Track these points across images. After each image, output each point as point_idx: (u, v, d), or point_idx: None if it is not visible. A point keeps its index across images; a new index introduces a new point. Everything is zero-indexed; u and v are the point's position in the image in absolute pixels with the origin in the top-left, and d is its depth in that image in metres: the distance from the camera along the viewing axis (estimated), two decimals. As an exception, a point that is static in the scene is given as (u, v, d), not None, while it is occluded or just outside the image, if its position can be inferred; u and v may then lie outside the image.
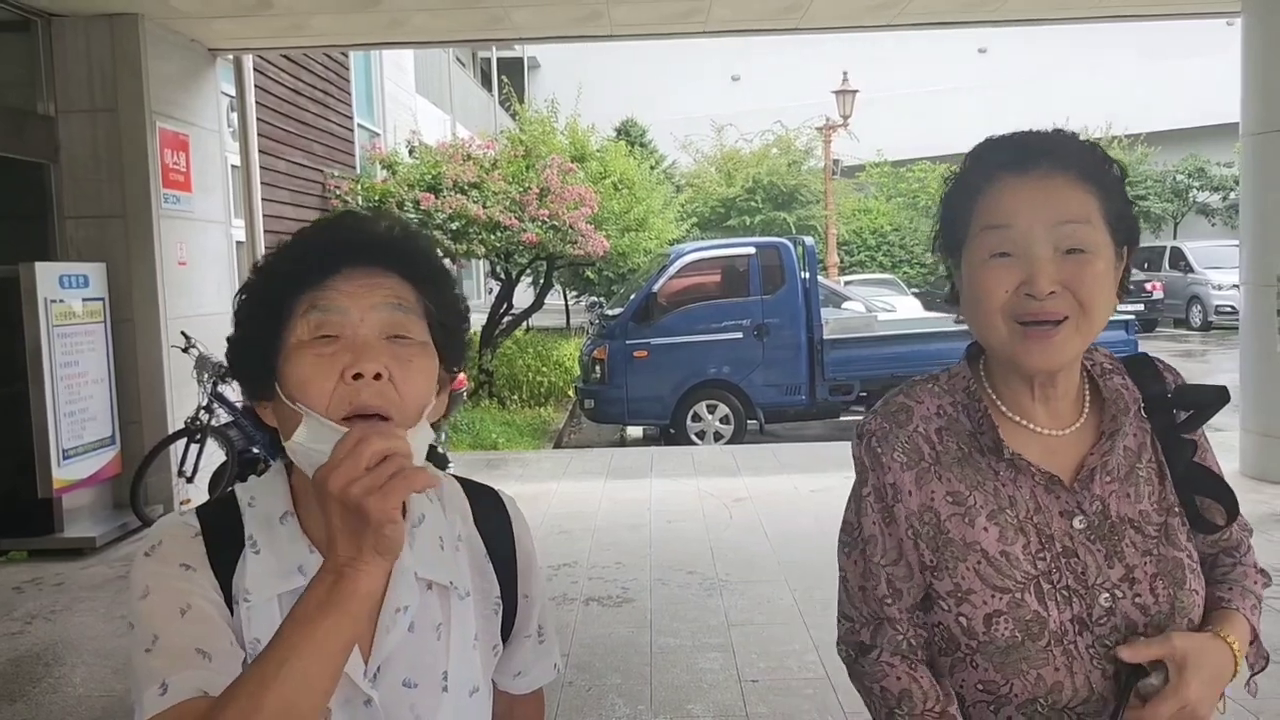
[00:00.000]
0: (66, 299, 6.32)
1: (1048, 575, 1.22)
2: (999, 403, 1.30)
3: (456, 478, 1.30)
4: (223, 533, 1.12)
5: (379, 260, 1.11)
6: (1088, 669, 1.20)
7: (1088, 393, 1.31)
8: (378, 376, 1.04)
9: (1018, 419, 1.28)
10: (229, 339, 1.14)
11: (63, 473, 6.28)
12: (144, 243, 6.88)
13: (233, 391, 7.25)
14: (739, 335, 10.65)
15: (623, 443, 11.64)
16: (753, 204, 23.15)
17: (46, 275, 6.16)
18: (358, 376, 1.04)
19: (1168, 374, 1.35)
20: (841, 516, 1.36)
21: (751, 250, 11.20)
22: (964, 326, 1.23)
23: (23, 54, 6.77)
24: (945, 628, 1.25)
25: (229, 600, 1.10)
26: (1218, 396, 1.31)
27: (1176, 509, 1.28)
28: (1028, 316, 1.20)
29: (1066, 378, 1.28)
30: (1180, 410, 1.33)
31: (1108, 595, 1.22)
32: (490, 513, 1.29)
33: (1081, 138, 1.26)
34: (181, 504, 6.97)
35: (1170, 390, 1.33)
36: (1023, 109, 29.06)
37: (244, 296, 1.13)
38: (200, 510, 1.17)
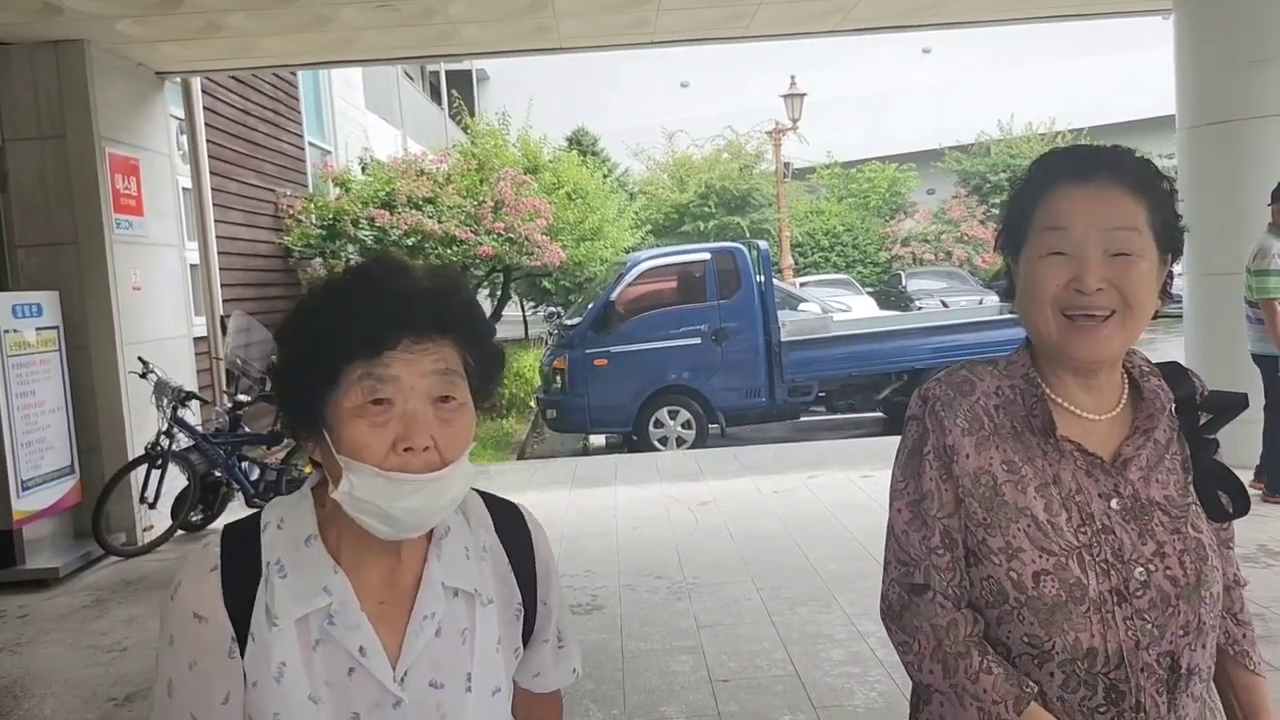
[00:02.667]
0: (20, 328, 6.26)
1: (1088, 548, 1.34)
2: (1047, 389, 1.43)
3: (479, 492, 1.38)
4: (243, 562, 1.21)
5: (431, 328, 1.18)
6: (1120, 638, 1.32)
7: (1125, 387, 1.45)
8: (425, 449, 1.15)
9: (1062, 402, 1.42)
10: (275, 374, 1.24)
11: (22, 504, 6.22)
12: (97, 269, 6.84)
13: (192, 415, 7.22)
14: (697, 340, 10.74)
15: (586, 452, 11.68)
16: (706, 209, 23.30)
17: (-1, 305, 6.11)
18: (408, 449, 1.14)
19: (1195, 379, 1.49)
20: (822, 510, 1.44)
21: (706, 256, 11.30)
22: (920, 324, 1.33)
23: (-33, 83, 6.71)
24: (996, 580, 1.37)
25: (242, 633, 1.18)
26: (1239, 402, 1.47)
27: (1193, 498, 1.41)
28: (1075, 309, 1.34)
29: (1110, 369, 1.42)
30: (1204, 412, 1.47)
31: (1142, 569, 1.34)
32: (512, 525, 1.38)
33: (1137, 154, 1.41)
34: (145, 529, 6.92)
35: (1199, 394, 1.47)
36: (968, 107, 29.55)
37: (292, 344, 1.20)
38: (225, 535, 1.25)
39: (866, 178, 28.03)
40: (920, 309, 19.35)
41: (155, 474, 6.87)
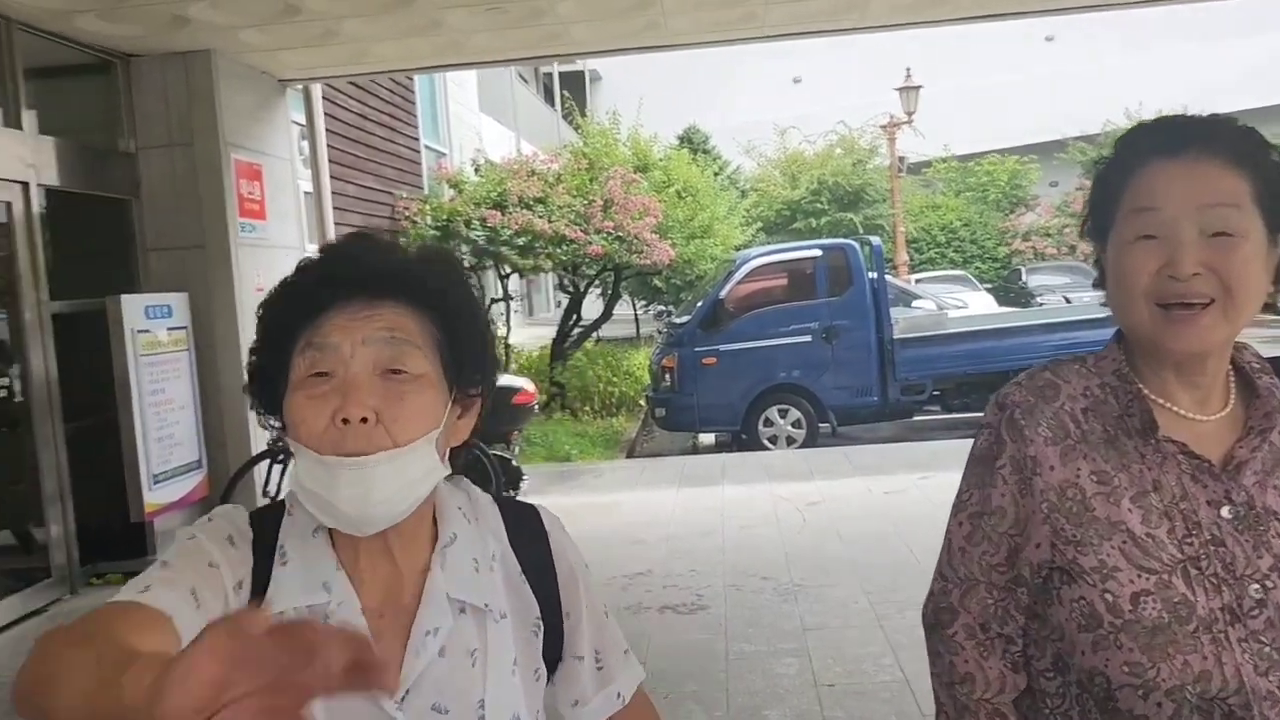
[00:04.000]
0: (152, 329, 6.54)
1: (1195, 561, 1.21)
2: (1143, 387, 1.29)
3: (495, 497, 1.27)
4: (262, 543, 1.13)
5: (375, 290, 1.08)
6: (1238, 661, 1.18)
7: (1234, 384, 1.30)
8: (365, 420, 1.02)
9: (1163, 402, 1.28)
10: (247, 368, 1.15)
11: (154, 496, 6.49)
12: (223, 271, 7.09)
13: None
14: (808, 338, 10.61)
15: (695, 450, 11.66)
16: (818, 206, 23.03)
17: (132, 307, 6.39)
18: (346, 421, 1.02)
19: None
20: (934, 511, 1.37)
21: (818, 252, 11.17)
22: (1040, 321, 1.22)
23: (104, 95, 7.04)
24: (1089, 603, 1.23)
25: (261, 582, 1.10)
26: None
27: None
28: (1170, 299, 1.20)
29: (1216, 364, 1.27)
30: None
31: (1258, 586, 1.19)
32: (526, 530, 1.25)
33: (1238, 122, 1.26)
34: (256, 509, 7.16)
35: None
36: (1093, 96, 28.51)
37: (255, 334, 1.13)
38: (253, 513, 1.17)
39: (985, 171, 27.29)
40: (1042, 305, 18.77)
41: (277, 469, 7.10)
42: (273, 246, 7.72)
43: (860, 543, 6.18)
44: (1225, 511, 1.23)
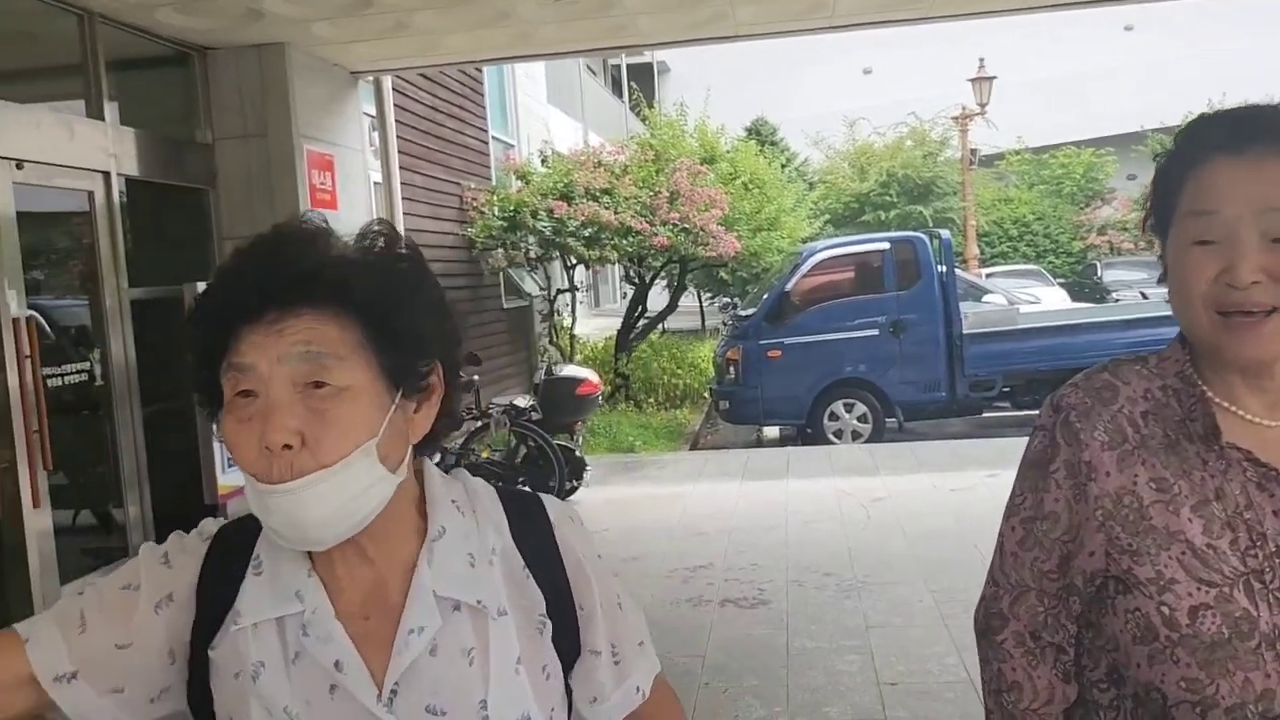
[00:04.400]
0: (226, 316, 6.67)
1: (1259, 574, 1.14)
2: (1207, 390, 1.23)
3: (497, 488, 1.21)
4: (231, 553, 1.11)
5: (286, 300, 1.00)
6: None
7: None
8: (289, 446, 0.98)
9: (1228, 406, 1.21)
10: (192, 385, 1.10)
11: (226, 479, 6.62)
12: (294, 260, 7.21)
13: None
14: (875, 332, 10.50)
15: (759, 443, 11.61)
16: (887, 198, 22.73)
17: (207, 294, 6.53)
18: (268, 448, 0.98)
19: None
20: (1000, 510, 1.34)
21: (885, 245, 11.04)
22: (1115, 317, 1.16)
23: (182, 87, 7.19)
24: (1144, 615, 1.18)
25: (203, 619, 1.09)
26: None
27: None
28: (1229, 306, 1.14)
29: None
30: None
31: None
32: (529, 520, 1.18)
33: None
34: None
35: None
36: (1174, 87, 27.78)
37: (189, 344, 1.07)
38: (226, 527, 1.15)
39: (1060, 163, 26.71)
40: (1117, 301, 18.34)
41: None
42: (343, 236, 7.84)
43: (926, 540, 6.10)
44: None
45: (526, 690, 1.10)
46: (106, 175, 6.19)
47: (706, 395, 13.27)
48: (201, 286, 4.82)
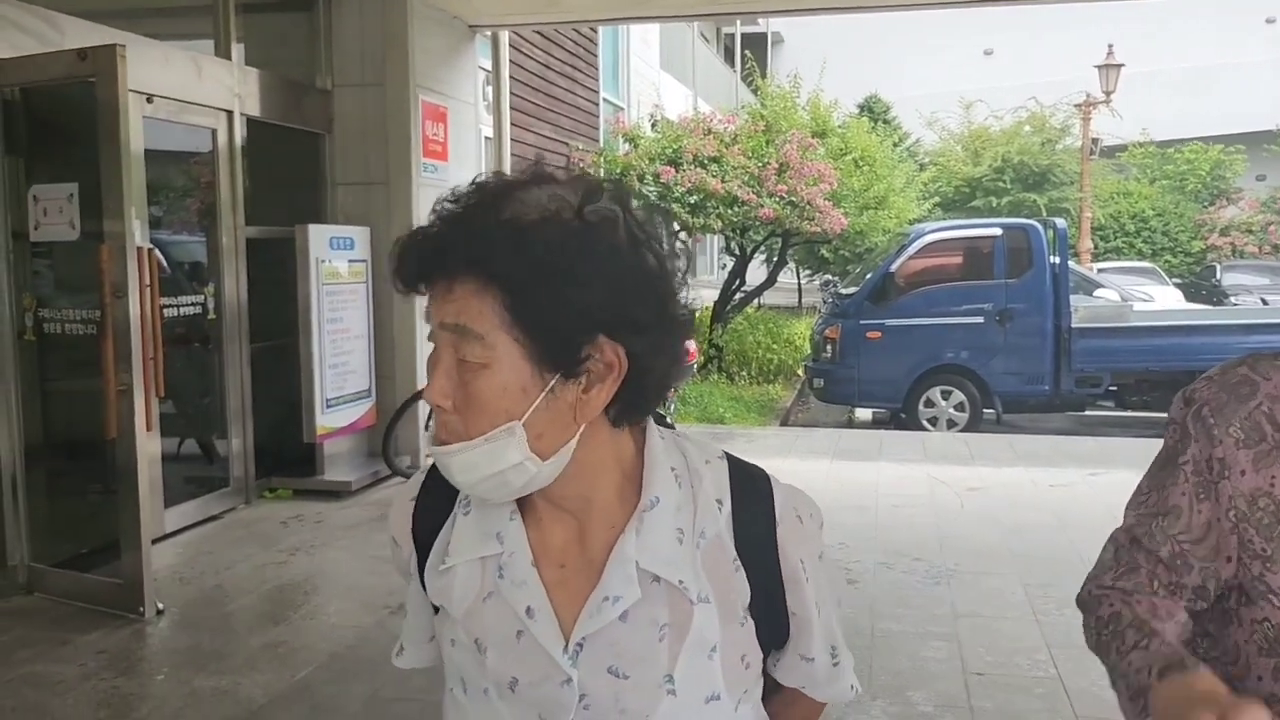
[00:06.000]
0: (334, 260, 6.81)
1: None
2: None
3: (729, 459, 1.15)
4: (439, 494, 1.14)
5: (451, 269, 0.99)
6: None
7: None
8: (442, 410, 1.02)
9: None
10: None
11: (325, 420, 6.79)
12: (404, 209, 7.30)
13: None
14: (980, 320, 10.23)
15: (850, 424, 11.45)
16: (1000, 184, 22.12)
17: (318, 237, 6.66)
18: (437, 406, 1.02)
19: None
20: (1100, 508, 1.27)
21: (997, 231, 10.73)
22: (1232, 320, 1.07)
23: (305, 33, 7.32)
24: (1274, 625, 1.11)
25: (423, 564, 1.16)
26: None
27: None
28: None
29: None
30: None
31: None
32: (753, 511, 1.12)
33: None
34: (426, 455, 7.38)
35: None
36: (1317, 85, 26.33)
37: None
38: (433, 467, 1.14)
39: (1185, 159, 25.69)
40: (1235, 305, 17.61)
41: (440, 405, 7.31)
42: (452, 188, 7.90)
43: (1020, 533, 5.94)
44: None
45: (718, 675, 1.08)
46: (230, 114, 6.34)
47: (800, 372, 13.14)
48: (313, 228, 4.91)
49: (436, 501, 1.15)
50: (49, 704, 3.79)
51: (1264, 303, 17.12)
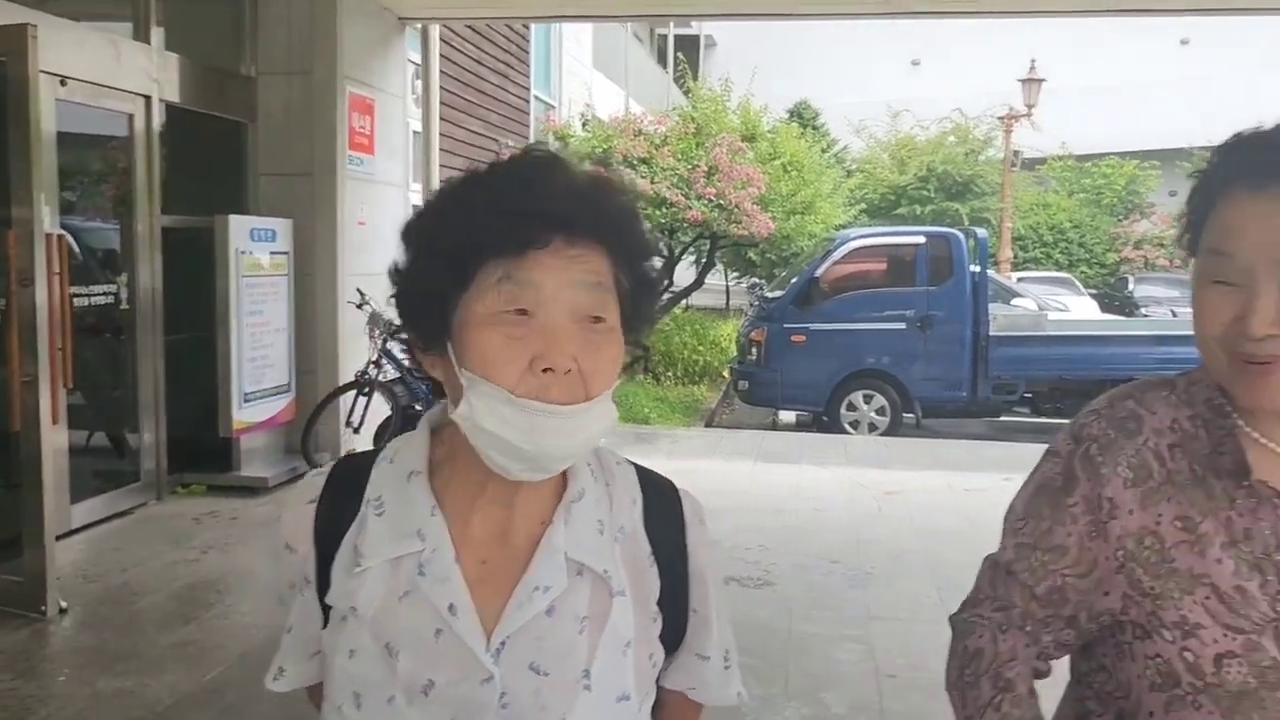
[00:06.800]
0: (255, 251, 6.67)
1: None
2: (1239, 420, 1.15)
3: (633, 464, 1.18)
4: (344, 494, 1.10)
5: (586, 231, 0.99)
6: None
7: None
8: (567, 372, 0.98)
9: (1261, 439, 1.14)
10: (399, 278, 1.06)
11: (242, 414, 6.66)
12: (328, 201, 7.19)
13: (400, 349, 7.53)
14: (901, 326, 10.41)
15: (774, 427, 11.56)
16: (925, 193, 22.53)
17: (239, 228, 6.53)
18: (547, 370, 0.97)
19: None
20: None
21: (920, 239, 10.93)
22: (1144, 332, 1.10)
23: (230, 18, 7.16)
24: (1166, 661, 1.11)
25: (326, 569, 1.09)
26: None
27: None
28: (1242, 354, 1.07)
29: None
30: None
31: None
32: (663, 511, 1.15)
33: None
34: (347, 452, 7.27)
35: None
36: (1225, 106, 27.33)
37: (420, 240, 1.04)
38: (336, 466, 1.15)
39: (1103, 173, 26.41)
40: (1147, 316, 18.17)
41: (362, 401, 7.22)
42: (377, 182, 7.81)
43: (936, 537, 6.05)
44: None
45: (629, 673, 1.08)
46: (148, 99, 6.18)
47: (725, 374, 13.23)
48: (234, 219, 4.77)
49: (342, 503, 1.10)
50: (-58, 706, 3.66)
51: (1174, 314, 17.66)
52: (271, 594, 1.20)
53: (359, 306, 7.22)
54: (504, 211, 0.98)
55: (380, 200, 7.88)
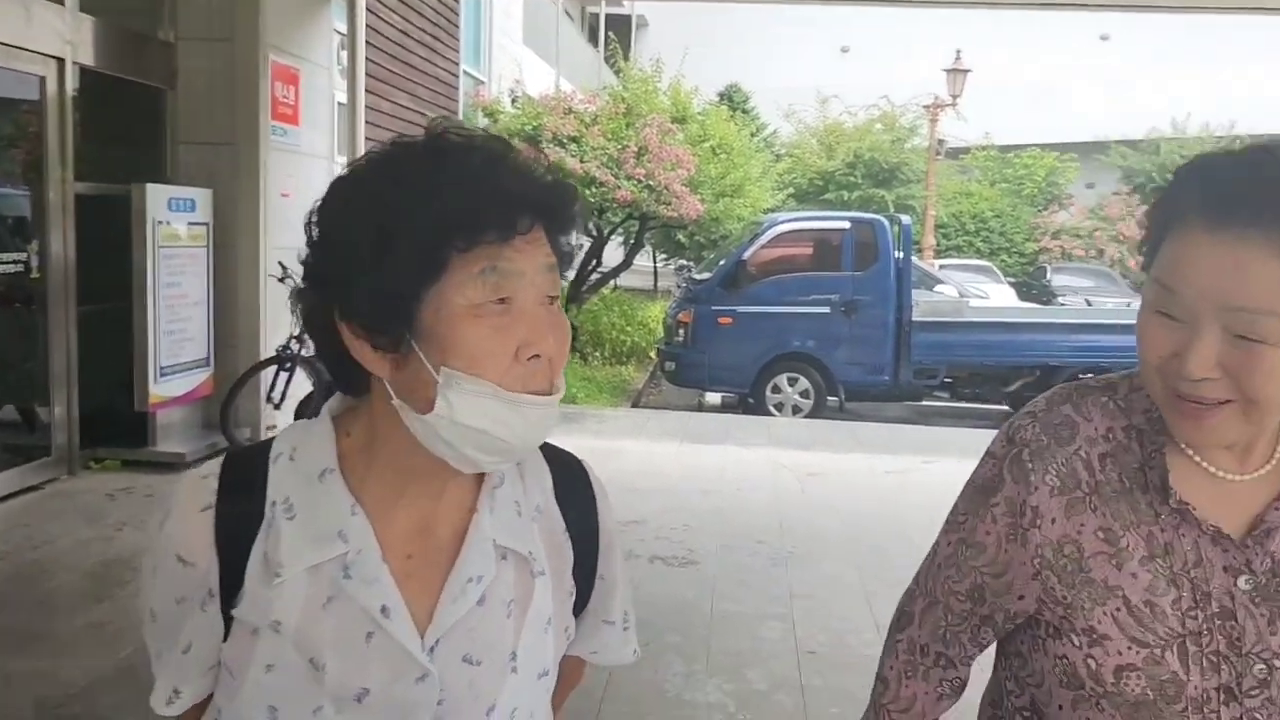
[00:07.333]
0: (173, 221, 6.50)
1: (1196, 637, 1.08)
2: (1173, 437, 1.12)
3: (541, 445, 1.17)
4: (243, 499, 1.01)
5: (538, 213, 0.97)
6: None
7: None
8: (536, 357, 0.96)
9: (1194, 456, 1.12)
10: (332, 263, 0.97)
11: (159, 389, 6.50)
12: (250, 172, 7.03)
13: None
14: (826, 310, 10.54)
15: (700, 408, 11.64)
16: (852, 179, 22.80)
17: (156, 197, 6.35)
18: (534, 357, 0.95)
19: None
20: (932, 497, 1.32)
21: (846, 225, 11.06)
22: (1061, 320, 1.09)
23: (148, -20, 6.94)
24: (1071, 664, 1.13)
25: (234, 582, 1.00)
26: None
27: None
28: (1179, 390, 1.04)
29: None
30: None
31: (1263, 666, 1.07)
32: (573, 485, 1.16)
33: None
34: (268, 428, 7.15)
35: None
36: (1142, 102, 28.06)
37: (367, 225, 0.94)
38: (226, 467, 1.04)
39: (1024, 164, 26.99)
40: (1063, 305, 18.65)
41: (283, 376, 7.09)
42: (302, 153, 7.66)
43: (857, 518, 6.16)
44: (1243, 582, 1.09)
45: (549, 649, 1.09)
46: (61, 62, 5.98)
47: (653, 355, 13.27)
48: (151, 187, 4.64)
49: (243, 508, 1.00)
50: None
51: (1089, 304, 18.17)
52: (145, 609, 1.06)
53: (281, 280, 7.07)
54: (485, 195, 0.93)
55: (304, 172, 7.72)
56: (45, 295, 5.96)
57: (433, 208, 0.92)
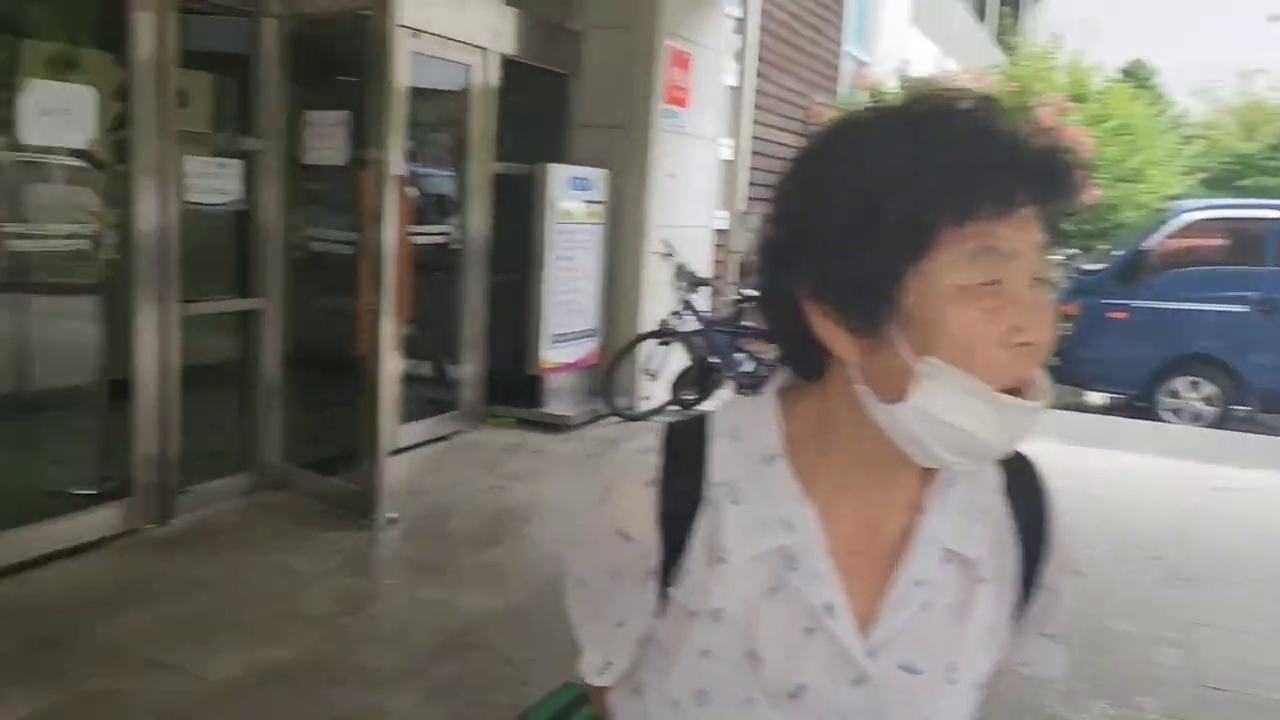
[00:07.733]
0: (571, 199, 6.94)
1: None
2: None
3: None
4: (684, 476, 0.99)
5: (1040, 182, 0.88)
6: None
7: None
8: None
9: None
10: (807, 247, 0.91)
11: (550, 355, 6.99)
12: (640, 153, 7.34)
13: (702, 301, 7.65)
14: (1243, 309, 9.41)
15: (1080, 408, 10.82)
16: (1275, 163, 20.22)
17: (558, 177, 6.81)
18: (1025, 344, 0.86)
19: None
20: None
21: (1274, 214, 9.81)
22: None
23: (561, -27, 7.42)
24: None
25: (673, 560, 0.98)
26: None
27: None
28: None
29: None
30: None
31: None
32: (1025, 483, 1.06)
33: None
34: (644, 398, 7.46)
35: None
36: None
37: (841, 199, 0.88)
38: (669, 440, 1.01)
39: None
40: None
41: (661, 349, 7.39)
42: (689, 135, 7.89)
43: (1273, 542, 5.48)
44: None
45: (988, 660, 1.01)
46: (485, 52, 6.52)
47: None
48: (553, 168, 4.93)
49: (685, 487, 0.98)
50: (295, 593, 4.09)
51: None
52: (572, 576, 1.08)
53: (665, 257, 7.37)
54: (978, 164, 0.85)
55: (691, 153, 7.96)
56: (463, 265, 6.58)
57: (922, 179, 0.84)
